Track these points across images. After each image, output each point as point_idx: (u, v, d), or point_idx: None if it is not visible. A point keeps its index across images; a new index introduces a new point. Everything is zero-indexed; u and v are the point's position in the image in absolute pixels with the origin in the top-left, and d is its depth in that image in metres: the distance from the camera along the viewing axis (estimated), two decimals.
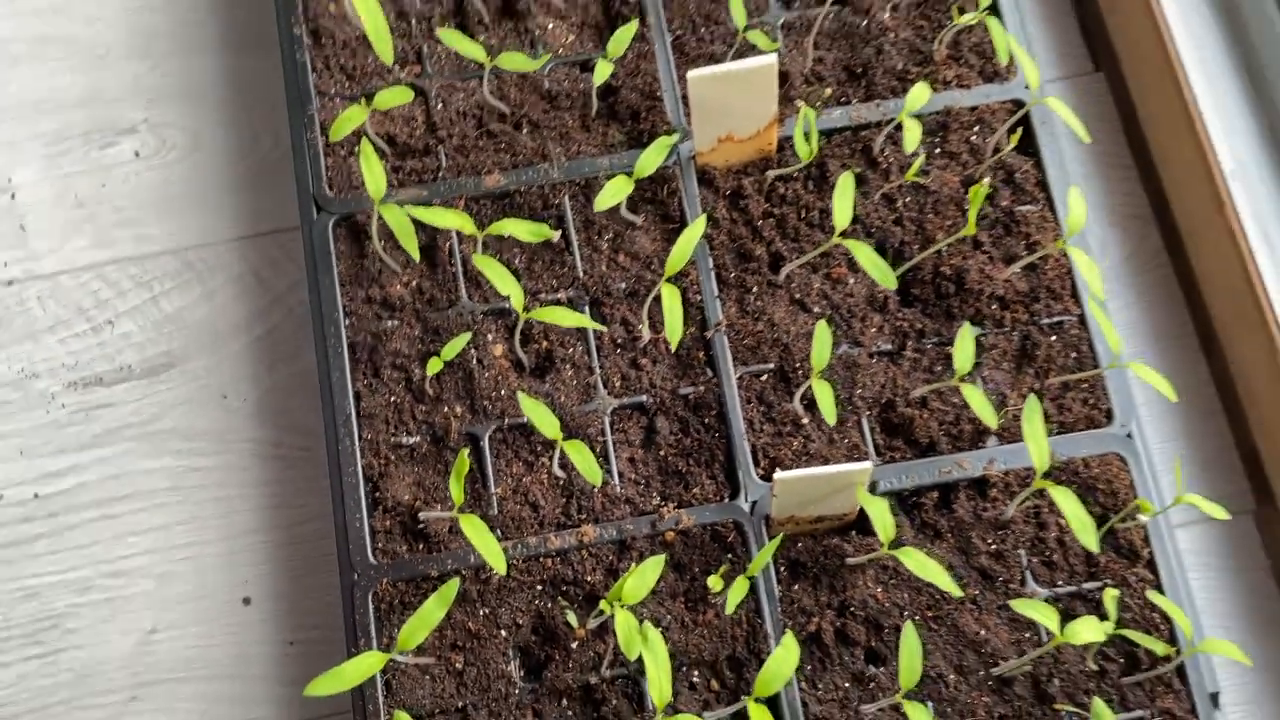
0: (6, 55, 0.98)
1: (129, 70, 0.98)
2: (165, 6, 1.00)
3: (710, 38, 0.86)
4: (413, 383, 0.78)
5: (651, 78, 0.84)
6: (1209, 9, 0.90)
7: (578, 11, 0.87)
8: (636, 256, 0.81)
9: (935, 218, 0.81)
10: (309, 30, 0.85)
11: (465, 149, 0.83)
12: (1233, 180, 0.86)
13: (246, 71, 0.98)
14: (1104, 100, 0.99)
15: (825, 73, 0.85)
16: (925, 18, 0.87)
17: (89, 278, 0.93)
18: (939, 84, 0.84)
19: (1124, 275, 0.94)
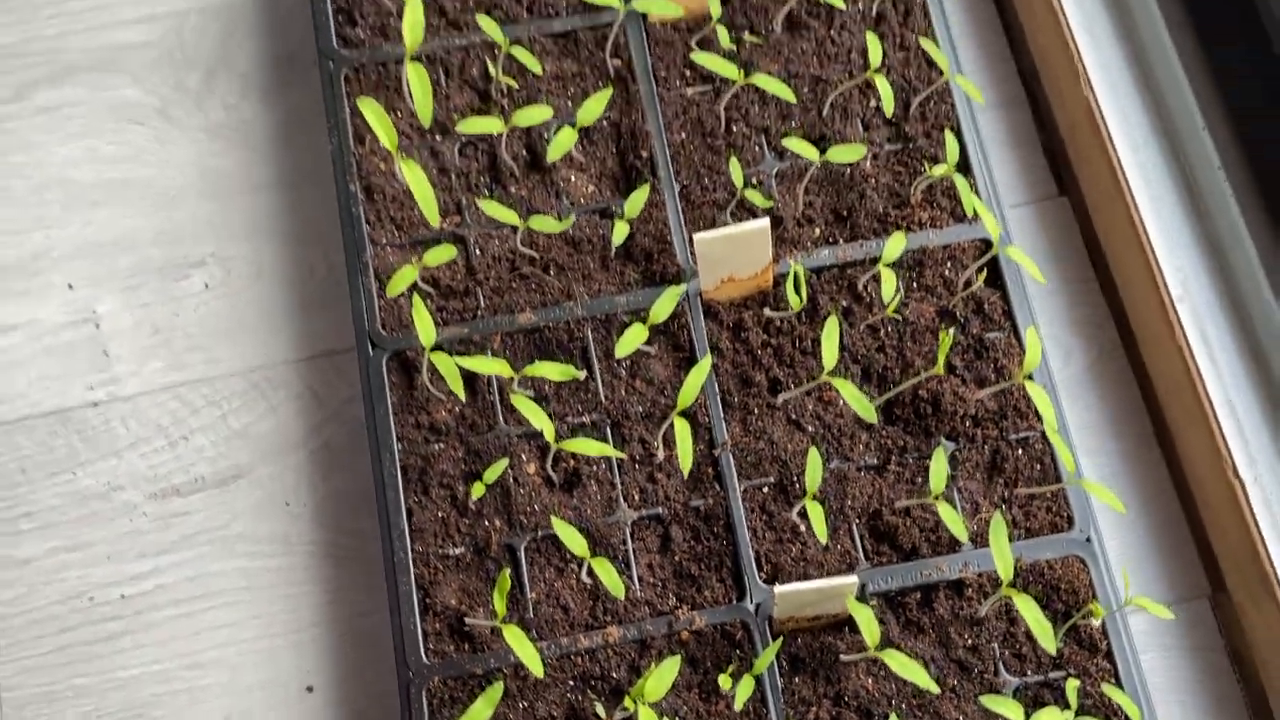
0: (89, 200, 1.10)
1: (199, 209, 1.10)
2: (230, 151, 1.11)
3: (713, 186, 0.96)
4: (457, 499, 0.89)
5: (662, 224, 0.95)
6: (1155, 141, 1.01)
7: (596, 164, 0.98)
8: (651, 382, 0.91)
9: (914, 345, 0.91)
10: (362, 186, 0.96)
11: (500, 290, 0.94)
12: (1180, 303, 0.96)
13: (302, 206, 1.10)
14: (1068, 221, 1.09)
15: (814, 215, 0.96)
16: (903, 164, 0.97)
17: (166, 398, 1.04)
18: (915, 225, 0.94)
19: (1088, 380, 1.04)
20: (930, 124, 0.98)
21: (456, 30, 1.00)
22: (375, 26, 1.01)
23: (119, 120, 1.12)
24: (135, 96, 1.13)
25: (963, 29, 1.13)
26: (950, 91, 0.98)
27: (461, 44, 0.99)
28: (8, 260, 1.08)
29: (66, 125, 1.12)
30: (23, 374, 1.05)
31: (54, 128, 1.12)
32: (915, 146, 0.97)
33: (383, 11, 1.01)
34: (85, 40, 1.15)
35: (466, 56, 1.00)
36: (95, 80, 1.14)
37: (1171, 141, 1.00)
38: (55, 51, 1.15)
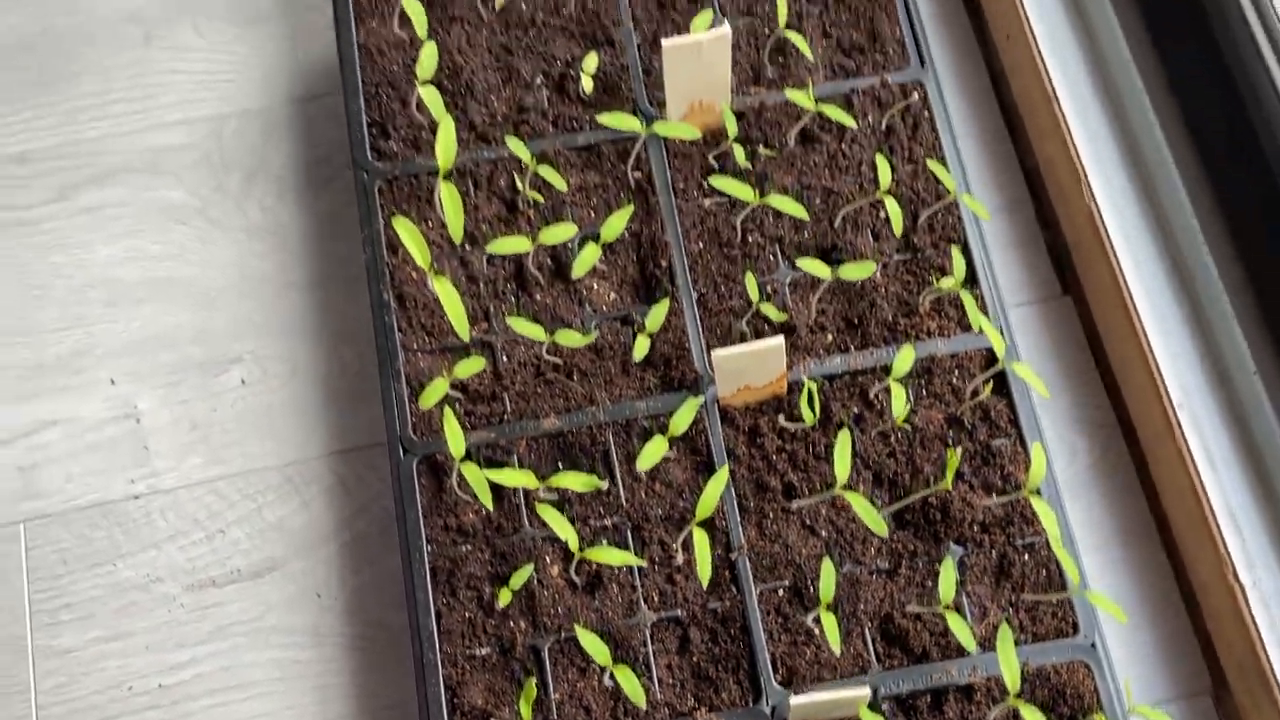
0: (133, 297, 1.14)
1: (237, 307, 1.14)
2: (267, 251, 1.16)
3: (730, 295, 1.00)
4: (484, 600, 0.92)
5: (681, 331, 0.99)
6: (1157, 254, 1.04)
7: (618, 273, 1.02)
8: (671, 485, 0.95)
9: (923, 452, 0.95)
10: (395, 295, 1.00)
11: (526, 395, 0.97)
12: (1180, 410, 0.99)
13: (335, 305, 1.14)
14: (1072, 320, 1.13)
15: (827, 323, 0.99)
16: (911, 274, 1.01)
17: (203, 492, 1.08)
18: (923, 334, 0.98)
19: (1092, 477, 1.07)
20: (938, 235, 1.01)
21: (485, 143, 1.05)
22: (407, 138, 1.05)
23: (161, 220, 1.17)
24: (177, 197, 1.18)
25: (969, 133, 1.17)
26: (958, 203, 1.01)
27: (490, 157, 1.04)
28: (51, 357, 1.12)
29: (110, 225, 1.17)
30: (65, 468, 1.09)
31: (97, 228, 1.17)
32: (923, 257, 1.01)
33: (415, 124, 1.05)
34: (127, 143, 1.20)
35: (495, 169, 1.04)
36: (138, 181, 1.19)
37: (1173, 256, 1.03)
38: (97, 154, 1.20)
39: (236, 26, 1.24)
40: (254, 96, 1.22)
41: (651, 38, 1.08)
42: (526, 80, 1.07)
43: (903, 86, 1.06)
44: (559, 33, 1.08)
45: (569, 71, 1.07)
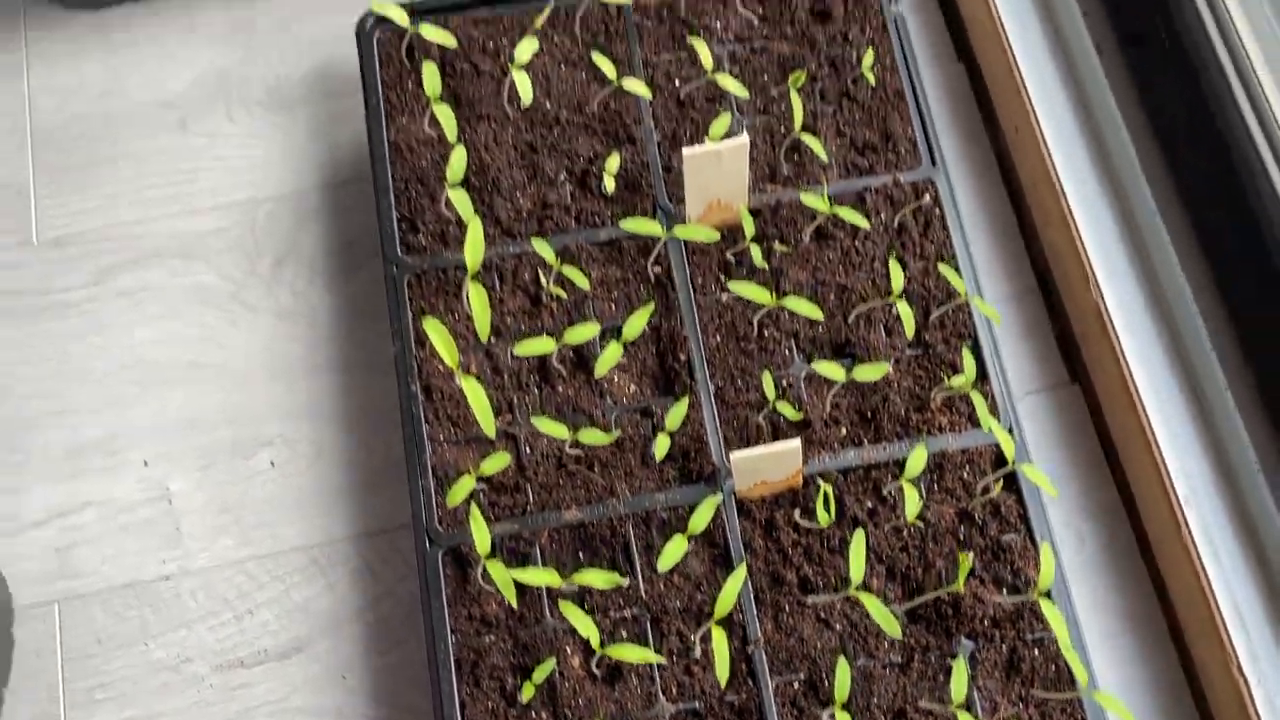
0: (165, 380, 1.18)
1: (267, 390, 1.17)
2: (297, 335, 1.19)
3: (746, 389, 1.03)
4: (507, 691, 0.94)
5: (699, 425, 1.01)
6: (1163, 352, 1.07)
7: (638, 365, 1.05)
8: (689, 577, 0.97)
9: (935, 546, 0.97)
10: (422, 387, 1.03)
11: (549, 486, 1.00)
12: (1186, 505, 1.01)
13: (362, 389, 1.17)
14: (1080, 408, 1.15)
15: (841, 416, 1.02)
16: (923, 369, 1.04)
17: (233, 573, 1.11)
18: (935, 430, 1.00)
19: (1100, 564, 1.09)
20: (949, 331, 1.04)
21: (510, 238, 1.08)
22: (436, 233, 1.08)
23: (195, 304, 1.21)
24: (211, 281, 1.21)
25: (980, 223, 1.21)
26: (969, 302, 1.04)
27: (515, 252, 1.07)
28: (87, 439, 1.15)
29: (145, 308, 1.20)
30: (100, 549, 1.12)
31: (133, 310, 1.20)
32: (935, 353, 1.03)
33: (442, 219, 1.09)
34: (163, 227, 1.24)
35: (519, 263, 1.07)
36: (173, 265, 1.22)
37: (1178, 351, 1.06)
38: (134, 237, 1.23)
39: (269, 113, 1.28)
40: (286, 182, 1.25)
41: (671, 135, 1.12)
42: (550, 177, 1.10)
43: (915, 185, 1.09)
44: (582, 130, 1.12)
45: (591, 168, 1.10)
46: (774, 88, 1.13)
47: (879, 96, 1.12)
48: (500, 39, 1.15)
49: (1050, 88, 1.17)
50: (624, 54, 1.14)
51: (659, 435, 0.98)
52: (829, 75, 1.14)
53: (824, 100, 1.13)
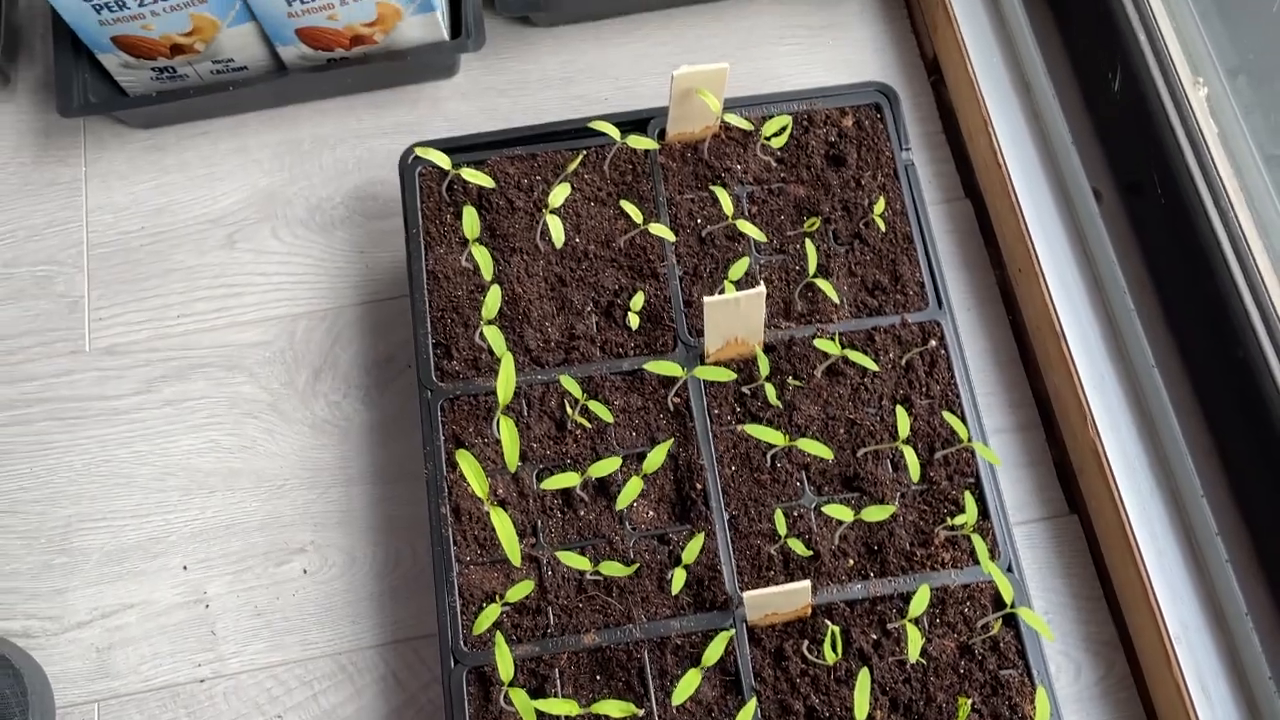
0: (205, 486, 1.23)
1: (301, 498, 1.22)
2: (331, 446, 1.24)
3: (759, 518, 1.08)
4: None
5: (713, 553, 1.06)
6: (1158, 496, 1.11)
7: (656, 492, 1.10)
8: (700, 703, 1.01)
9: (937, 679, 1.01)
10: (451, 508, 1.08)
11: (569, 609, 1.05)
12: (1178, 643, 1.05)
13: (392, 500, 1.22)
14: (1079, 539, 1.19)
15: (848, 549, 1.07)
16: (928, 504, 1.08)
17: (264, 677, 1.15)
18: (938, 565, 1.05)
19: (1097, 695, 1.13)
20: (953, 470, 1.09)
21: (539, 367, 1.14)
22: (469, 360, 1.14)
23: (236, 413, 1.26)
24: (251, 392, 1.27)
25: (985, 357, 1.26)
26: None
27: (543, 380, 1.13)
28: (130, 542, 1.21)
29: (189, 417, 1.26)
30: (139, 650, 1.16)
31: (178, 419, 1.26)
32: (939, 490, 1.08)
33: (475, 347, 1.14)
34: (209, 338, 1.30)
35: (547, 391, 1.12)
36: (216, 375, 1.28)
37: (1174, 497, 1.10)
38: (182, 349, 1.29)
39: (311, 232, 1.35)
40: (325, 297, 1.32)
41: (693, 270, 1.18)
42: (578, 309, 1.16)
43: (922, 326, 1.14)
44: (609, 264, 1.18)
45: (616, 300, 1.16)
46: (790, 228, 1.19)
47: (889, 240, 1.18)
48: (534, 176, 1.22)
49: (1052, 232, 1.23)
50: (649, 193, 1.20)
51: (676, 569, 1.03)
52: (842, 217, 1.20)
53: (837, 241, 1.19)
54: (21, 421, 1.26)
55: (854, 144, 1.22)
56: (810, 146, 1.23)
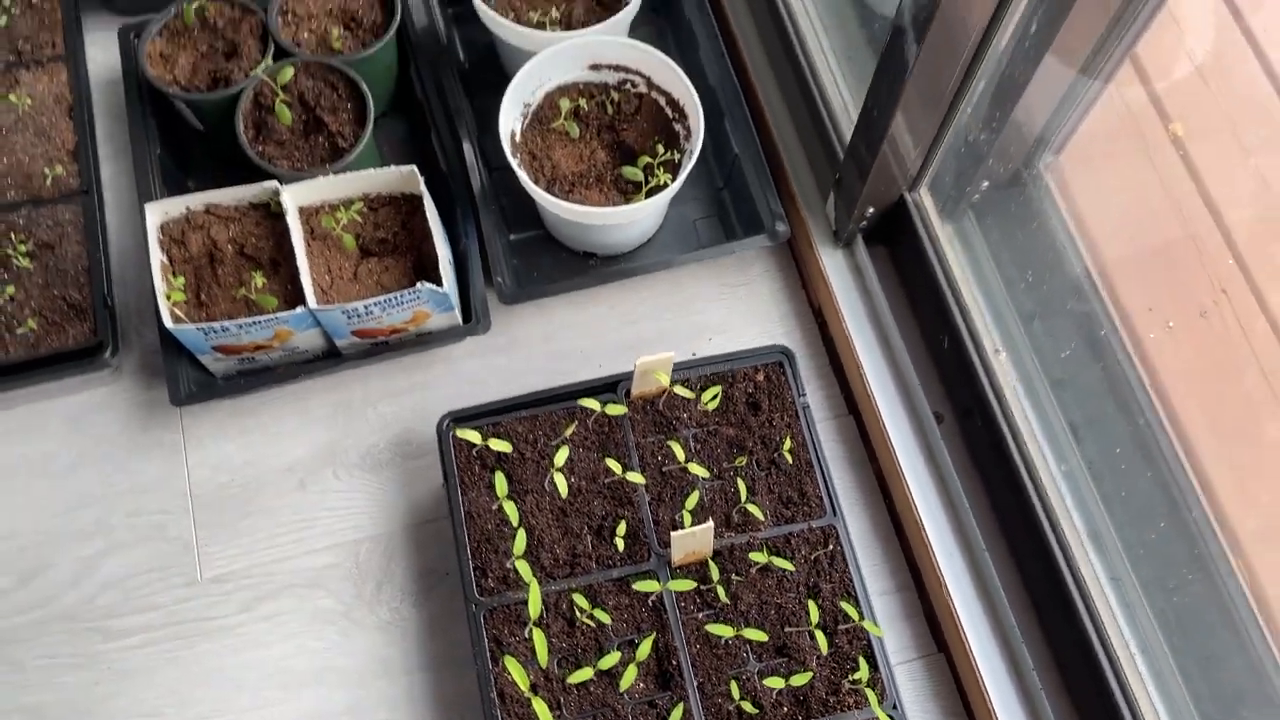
0: (300, 683, 1.56)
1: (375, 687, 1.56)
2: (395, 643, 1.59)
3: (719, 683, 1.45)
4: None
5: (689, 714, 1.43)
6: (991, 635, 1.52)
7: (643, 668, 1.47)
8: None
9: None
10: (498, 693, 1.44)
11: None
12: None
13: (446, 681, 1.56)
14: (944, 671, 1.59)
15: (783, 701, 1.45)
16: (836, 663, 1.47)
17: None
18: (846, 708, 1.43)
19: None
20: (851, 637, 1.48)
21: (552, 579, 1.51)
22: (500, 578, 1.51)
23: (318, 623, 1.60)
24: (329, 604, 1.61)
25: (872, 543, 1.66)
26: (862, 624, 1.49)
27: (556, 589, 1.50)
28: None
29: (282, 629, 1.59)
30: None
31: (274, 630, 1.59)
32: (842, 653, 1.47)
33: (504, 568, 1.51)
34: (292, 564, 1.64)
35: (559, 598, 1.50)
36: (300, 593, 1.62)
37: (1005, 641, 1.51)
38: (271, 574, 1.63)
39: (364, 472, 1.70)
40: (379, 524, 1.67)
41: (658, 497, 1.56)
42: (577, 533, 1.54)
43: (823, 529, 1.55)
44: (597, 496, 1.56)
45: (604, 524, 1.54)
46: (726, 461, 1.59)
47: (796, 465, 1.59)
48: (538, 432, 1.60)
49: (909, 444, 1.65)
50: (622, 440, 1.60)
51: None
52: (762, 450, 1.60)
53: (759, 468, 1.59)
54: (152, 643, 1.58)
55: (766, 394, 1.64)
56: (734, 397, 1.64)
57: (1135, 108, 1.77)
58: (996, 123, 1.54)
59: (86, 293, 1.67)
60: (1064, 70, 1.47)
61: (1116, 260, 1.72)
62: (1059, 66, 1.45)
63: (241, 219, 1.64)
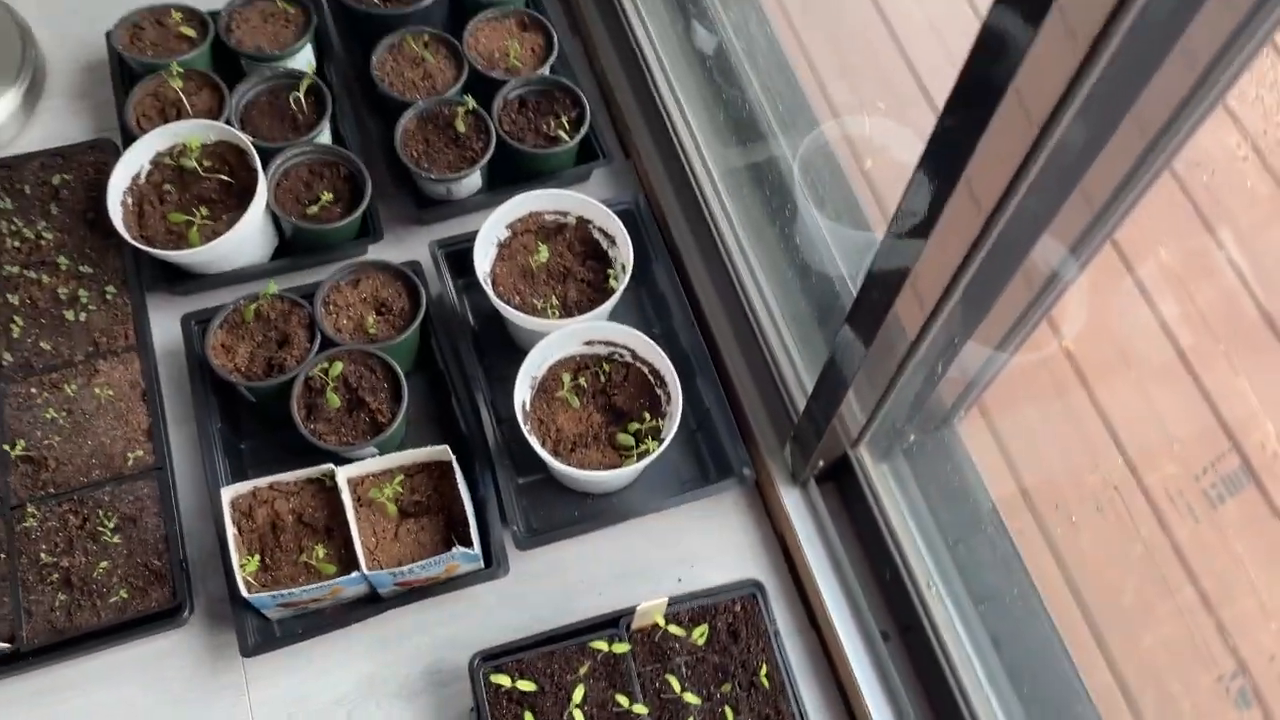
0: None
1: None
2: None
3: None
4: None
5: None
6: None
7: None
8: None
9: None
10: None
11: None
12: None
13: None
14: None
15: None
16: None
17: None
18: None
19: None
20: None
21: None
22: None
23: None
24: None
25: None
26: None
27: None
28: None
29: None
30: None
31: None
32: None
33: None
34: None
35: None
36: None
37: None
38: None
39: (401, 700, 1.96)
40: None
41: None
42: None
43: None
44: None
45: None
46: (713, 687, 1.89)
47: (772, 686, 1.89)
48: (554, 665, 1.88)
49: (862, 661, 1.96)
50: (625, 669, 1.88)
51: None
52: (742, 673, 1.90)
53: (741, 689, 1.89)
54: None
55: (743, 623, 1.94)
56: (718, 627, 1.94)
57: (1036, 361, 2.18)
58: (920, 397, 1.90)
59: (165, 559, 1.93)
60: (982, 349, 1.84)
61: (1024, 488, 2.10)
62: (978, 348, 1.82)
63: (300, 492, 1.94)
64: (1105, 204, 1.33)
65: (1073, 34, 1.01)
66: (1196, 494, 2.08)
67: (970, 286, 1.44)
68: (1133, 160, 1.24)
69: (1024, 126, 1.13)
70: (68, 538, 1.92)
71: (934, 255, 1.37)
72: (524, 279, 2.22)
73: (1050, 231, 1.34)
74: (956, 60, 1.12)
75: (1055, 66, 1.04)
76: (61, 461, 1.99)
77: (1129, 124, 1.14)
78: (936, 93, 2.56)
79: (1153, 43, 1.02)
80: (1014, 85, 1.07)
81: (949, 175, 1.23)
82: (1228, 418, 2.21)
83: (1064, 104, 1.07)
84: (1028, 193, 1.22)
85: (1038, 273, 1.51)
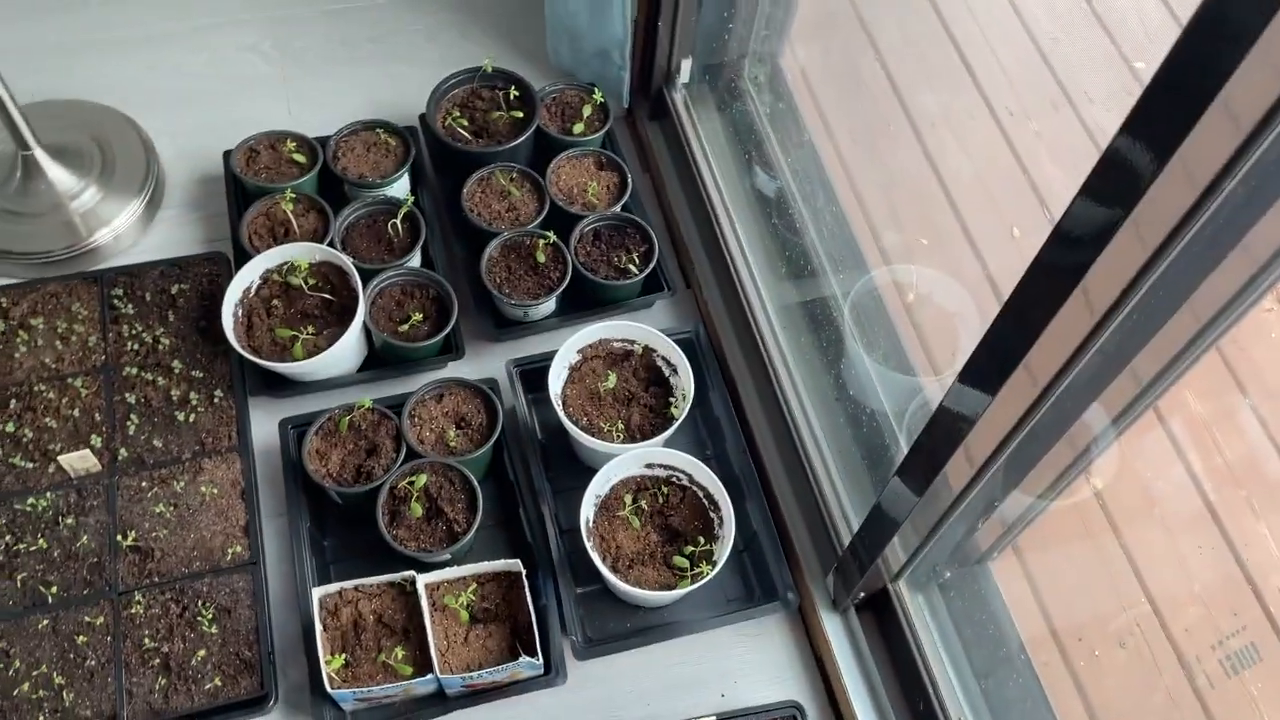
0: None
1: None
2: None
3: None
4: None
5: None
6: None
7: None
8: None
9: None
10: None
11: None
12: None
13: None
14: None
15: None
16: None
17: None
18: None
19: None
20: None
21: None
22: None
23: None
24: None
25: None
26: None
27: None
28: None
29: None
30: None
31: None
32: None
33: None
34: None
35: None
36: None
37: None
38: None
39: None
40: None
41: None
42: None
43: None
44: None
45: None
46: None
47: None
48: None
49: None
50: None
51: None
52: None
53: None
54: None
55: None
56: None
57: (1069, 506, 2.31)
58: (960, 540, 2.03)
59: (255, 650, 2.09)
60: (1023, 499, 1.97)
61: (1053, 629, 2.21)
62: (1019, 496, 1.95)
63: (382, 595, 2.09)
64: (1152, 380, 1.46)
65: (1141, 240, 1.04)
66: (1218, 654, 2.18)
67: (1016, 450, 1.58)
68: (1184, 343, 1.35)
69: (1084, 316, 1.19)
70: (169, 625, 2.08)
71: (985, 424, 1.52)
72: (591, 401, 2.39)
73: (1099, 401, 1.46)
74: (999, 208, 1.21)
75: (1123, 265, 1.05)
76: (166, 552, 2.16)
77: (1184, 312, 1.19)
78: (980, 240, 2.75)
79: (1217, 243, 1.02)
80: (1082, 284, 1.12)
81: (1009, 359, 1.35)
82: (1250, 566, 2.33)
83: (1125, 297, 1.11)
84: (1080, 370, 1.33)
85: (1081, 437, 1.65)
